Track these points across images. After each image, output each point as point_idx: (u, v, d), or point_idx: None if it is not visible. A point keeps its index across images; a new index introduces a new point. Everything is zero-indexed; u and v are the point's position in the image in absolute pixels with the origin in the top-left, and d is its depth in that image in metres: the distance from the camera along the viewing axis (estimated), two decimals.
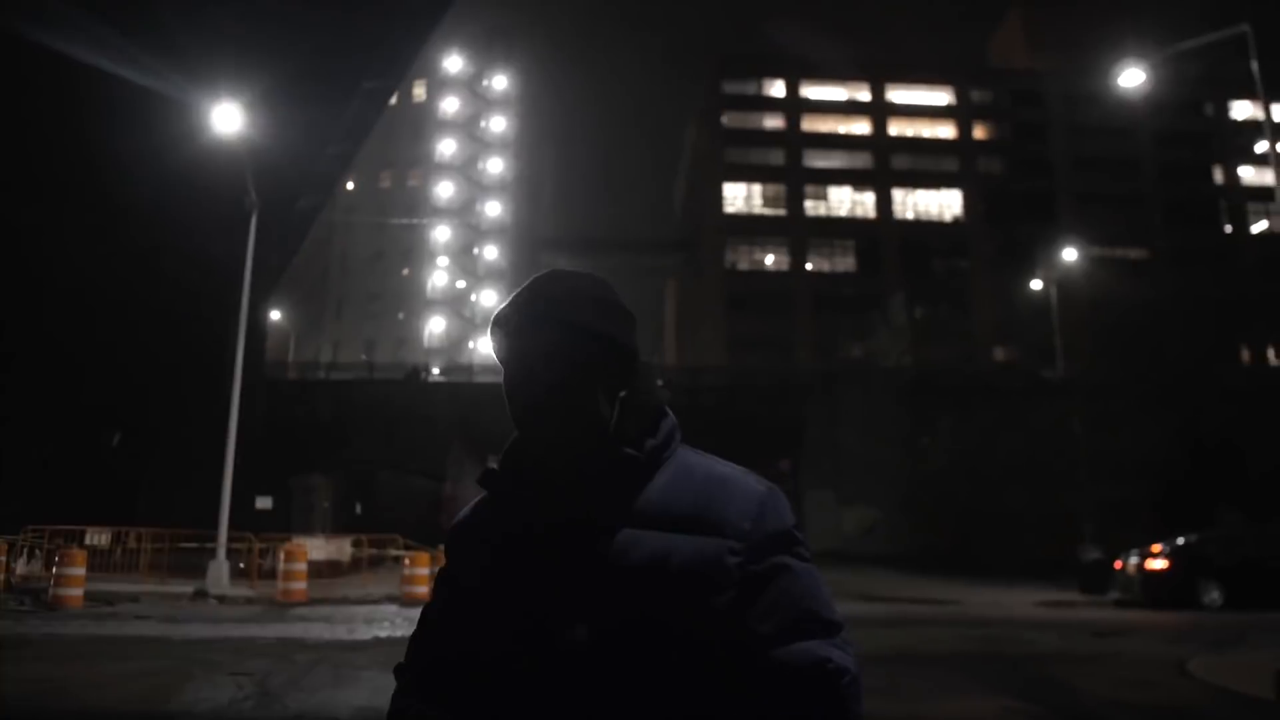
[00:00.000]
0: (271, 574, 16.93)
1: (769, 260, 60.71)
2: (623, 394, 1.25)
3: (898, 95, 64.54)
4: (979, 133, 65.00)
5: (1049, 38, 70.74)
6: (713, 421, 32.04)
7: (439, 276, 63.72)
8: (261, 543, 17.51)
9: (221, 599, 15.26)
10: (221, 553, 16.32)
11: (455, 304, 63.29)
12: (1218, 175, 62.42)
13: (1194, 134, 62.14)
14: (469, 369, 43.62)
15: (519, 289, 1.26)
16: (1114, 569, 18.86)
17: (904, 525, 32.37)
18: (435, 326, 61.71)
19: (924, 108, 64.79)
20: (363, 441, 31.50)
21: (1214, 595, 16.45)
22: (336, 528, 22.48)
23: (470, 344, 60.57)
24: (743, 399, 37.17)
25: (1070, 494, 27.93)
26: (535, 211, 71.51)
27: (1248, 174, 61.36)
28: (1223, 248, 59.43)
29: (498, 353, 1.25)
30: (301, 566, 15.33)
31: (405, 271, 62.41)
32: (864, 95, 64.31)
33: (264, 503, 18.97)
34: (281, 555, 15.65)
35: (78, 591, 13.46)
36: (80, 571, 13.57)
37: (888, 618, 14.16)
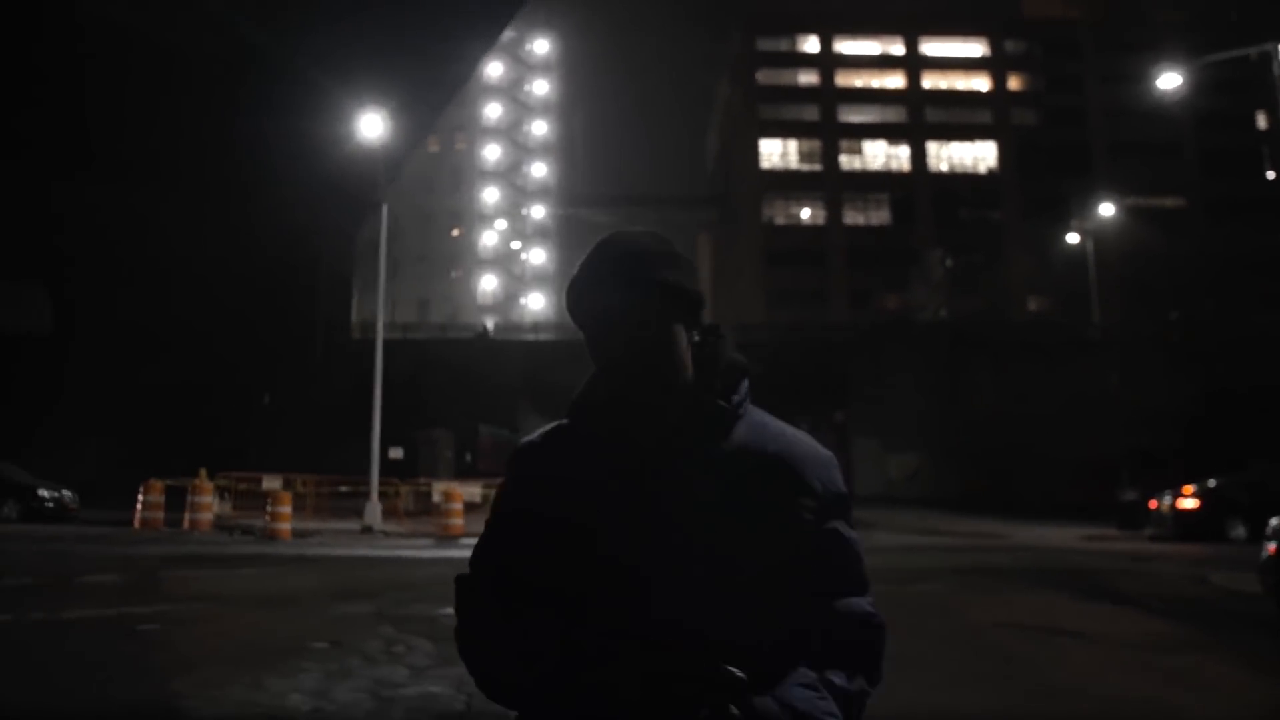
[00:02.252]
0: (412, 513, 19.63)
1: (805, 215, 61.87)
2: (696, 339, 1.35)
3: (931, 48, 64.86)
4: (1013, 84, 65.16)
5: None
6: (762, 375, 34.02)
7: (489, 237, 65.81)
8: (406, 487, 20.32)
9: (386, 534, 17.86)
10: (375, 495, 18.92)
11: (505, 263, 65.42)
12: (1260, 121, 62.13)
13: (1234, 80, 61.89)
14: (533, 328, 45.61)
15: (588, 253, 1.35)
16: (1149, 508, 20.64)
17: (946, 470, 34.25)
18: (487, 285, 63.99)
19: (958, 60, 65.08)
20: (440, 398, 33.84)
21: (1239, 530, 18.20)
22: (455, 474, 25.39)
23: (521, 300, 62.82)
24: (789, 354, 38.82)
25: (1104, 441, 29.57)
26: (575, 170, 73.25)
27: None
28: (1265, 196, 59.28)
29: (575, 315, 1.33)
30: (458, 505, 17.72)
31: (455, 232, 64.51)
32: (898, 49, 64.69)
33: (396, 453, 21.47)
34: (440, 495, 18.21)
35: (286, 526, 16.18)
36: (287, 510, 16.46)
37: (949, 547, 16.28)
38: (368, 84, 24.86)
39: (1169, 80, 17.93)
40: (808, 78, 64.45)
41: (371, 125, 20.52)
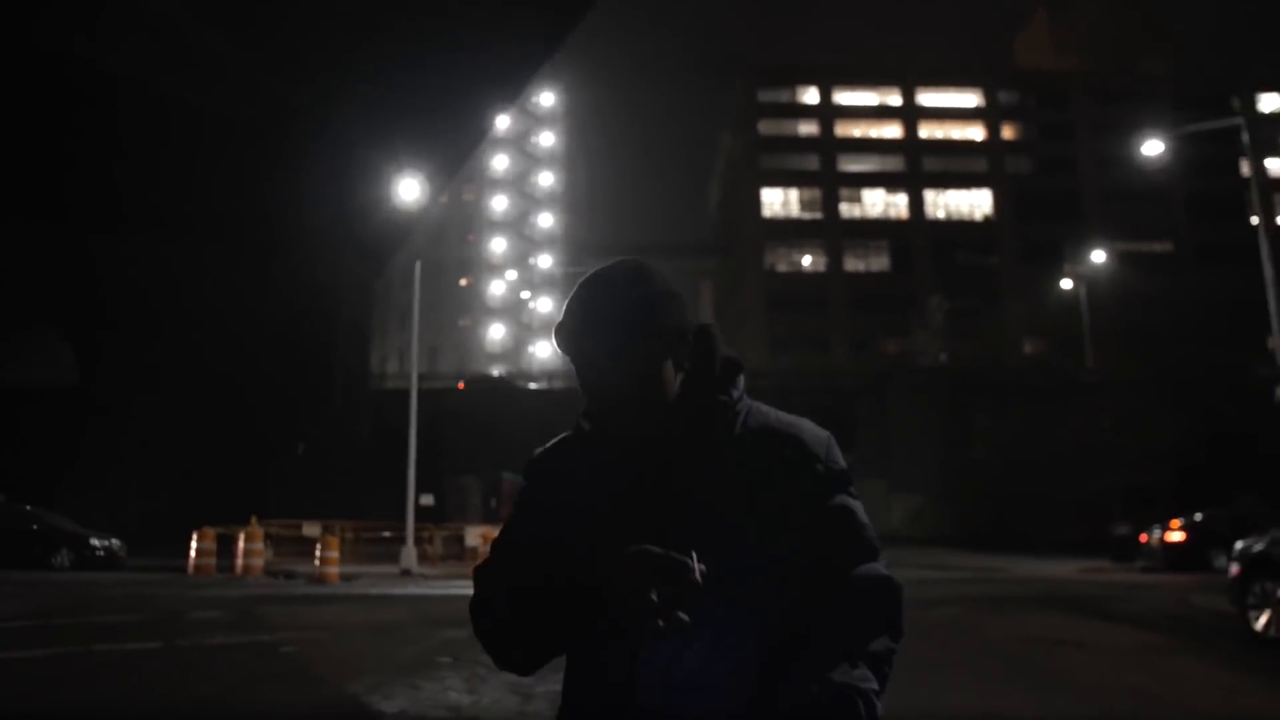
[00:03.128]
0: (444, 557, 20.74)
1: (806, 262, 63.47)
2: (686, 366, 1.42)
3: (927, 98, 66.88)
4: (1007, 133, 67.12)
5: (1074, 37, 72.94)
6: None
7: (497, 286, 67.45)
8: (440, 532, 21.44)
9: (425, 576, 18.91)
10: (410, 540, 19.92)
11: (514, 312, 66.96)
12: (1244, 168, 64.06)
13: (1220, 129, 63.34)
14: (545, 375, 46.84)
15: (570, 295, 1.43)
16: (1139, 542, 21.88)
17: (949, 510, 35.33)
18: (495, 333, 65.50)
19: (953, 110, 67.07)
20: (459, 446, 34.99)
21: (1222, 560, 19.42)
22: (483, 519, 26.58)
23: (530, 349, 64.19)
24: (794, 399, 39.97)
25: (1099, 479, 30.75)
26: (580, 220, 75.11)
27: (1275, 166, 63.19)
28: (1247, 240, 60.88)
29: (566, 354, 1.41)
30: None
31: (462, 282, 66.12)
32: (895, 100, 66.72)
33: (427, 499, 22.52)
34: (478, 538, 19.39)
35: (335, 570, 17.27)
36: (335, 554, 17.44)
37: (956, 579, 17.49)
38: (388, 143, 26.56)
39: (1152, 148, 19.34)
40: (808, 128, 66.38)
41: (407, 188, 21.95)
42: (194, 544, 19.24)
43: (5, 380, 36.75)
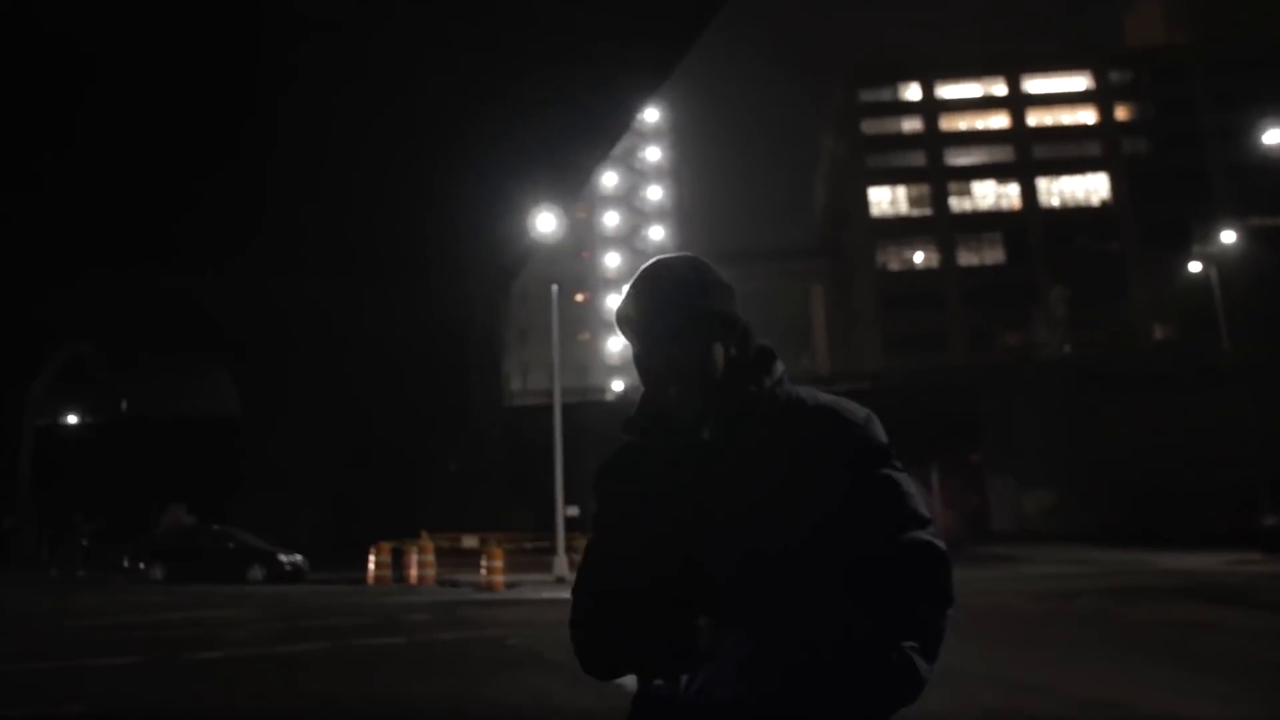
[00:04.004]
0: None
1: (918, 258, 63.16)
2: (731, 351, 1.51)
3: (1034, 85, 65.70)
4: (1121, 114, 65.27)
5: (1186, 9, 70.29)
6: (900, 420, 35.61)
7: (612, 300, 69.47)
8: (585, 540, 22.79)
9: None
10: (561, 548, 21.39)
11: None
12: None
13: None
14: None
15: (633, 280, 1.55)
16: None
17: (1081, 505, 34.85)
18: (614, 346, 67.40)
19: (1062, 95, 65.69)
20: (589, 458, 36.49)
21: None
22: None
23: None
24: (916, 399, 39.76)
25: (1241, 469, 29.91)
26: (688, 231, 76.50)
27: None
28: None
29: (627, 334, 1.52)
30: None
31: (579, 297, 68.29)
32: (1000, 89, 65.84)
33: (572, 510, 23.92)
34: None
35: (500, 578, 18.84)
36: (500, 564, 18.97)
37: (1096, 574, 17.89)
38: (515, 173, 28.38)
39: (1274, 136, 19.16)
40: (912, 124, 66.05)
41: (544, 220, 23.56)
42: (371, 557, 21.22)
43: (171, 410, 40.52)
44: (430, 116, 26.23)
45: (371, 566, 21.30)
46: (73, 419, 40.89)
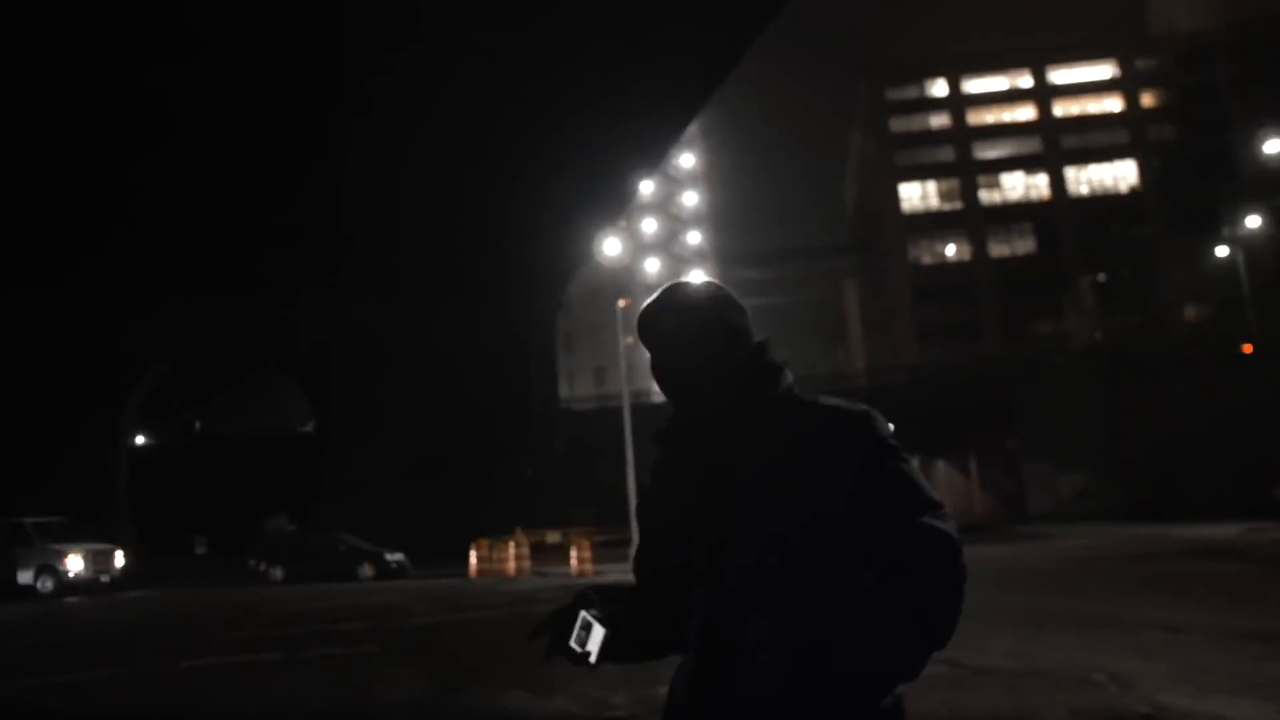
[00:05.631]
0: None
1: (950, 252, 64.52)
2: (744, 362, 1.60)
3: (1059, 76, 66.59)
4: (1147, 101, 66.03)
5: None
6: (935, 409, 37.56)
7: None
8: None
9: None
10: (635, 540, 23.61)
11: None
12: None
13: None
14: None
15: (655, 295, 1.67)
16: None
17: (1113, 485, 36.35)
18: None
19: (1088, 84, 66.45)
20: (642, 456, 38.69)
21: None
22: None
23: None
24: (952, 391, 41.36)
25: (1263, 444, 31.43)
26: (724, 234, 78.72)
27: None
28: None
29: (647, 343, 1.64)
30: None
31: (622, 302, 70.39)
32: (1025, 81, 66.75)
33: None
34: None
35: (589, 566, 21.28)
36: (589, 555, 21.38)
37: (1120, 544, 20.00)
38: (568, 191, 30.94)
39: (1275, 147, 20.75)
40: (939, 120, 67.28)
41: (610, 245, 26.08)
42: (473, 552, 23.57)
43: (242, 427, 43.23)
44: (501, 147, 28.79)
45: (474, 560, 23.17)
46: (140, 440, 41.59)
